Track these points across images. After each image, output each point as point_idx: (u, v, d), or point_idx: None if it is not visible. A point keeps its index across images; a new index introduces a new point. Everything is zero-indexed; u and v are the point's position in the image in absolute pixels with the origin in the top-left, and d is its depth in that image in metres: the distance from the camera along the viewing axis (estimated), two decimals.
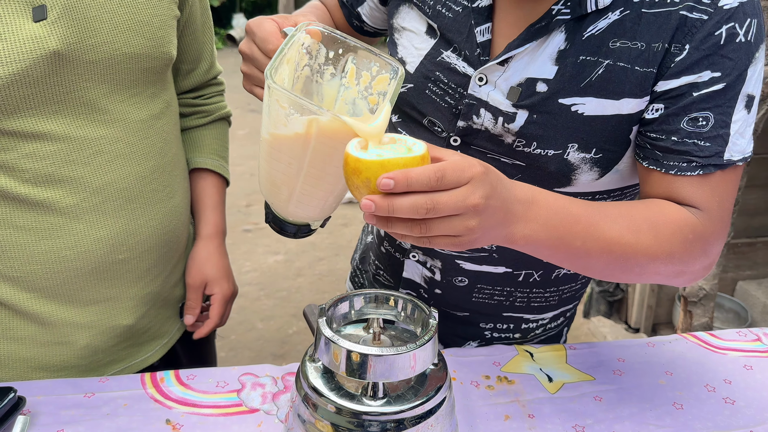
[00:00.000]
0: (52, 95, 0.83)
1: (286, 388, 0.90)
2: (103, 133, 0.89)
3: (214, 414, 0.84)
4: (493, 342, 1.02)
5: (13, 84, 0.79)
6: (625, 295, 2.71)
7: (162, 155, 0.99)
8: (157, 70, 0.95)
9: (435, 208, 0.59)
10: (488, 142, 0.85)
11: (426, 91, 0.88)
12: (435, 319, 0.66)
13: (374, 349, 0.61)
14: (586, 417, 0.85)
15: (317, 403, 0.64)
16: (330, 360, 0.63)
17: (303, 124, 0.64)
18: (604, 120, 0.79)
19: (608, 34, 0.77)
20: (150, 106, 0.95)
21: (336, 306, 0.70)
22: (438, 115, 0.88)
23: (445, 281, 0.97)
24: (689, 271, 0.78)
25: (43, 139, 0.84)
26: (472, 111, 0.84)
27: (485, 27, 0.83)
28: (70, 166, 0.87)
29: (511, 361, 0.95)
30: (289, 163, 0.69)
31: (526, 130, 0.81)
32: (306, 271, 3.29)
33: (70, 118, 0.86)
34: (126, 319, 0.99)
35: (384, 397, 0.63)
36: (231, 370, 0.93)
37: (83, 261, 0.91)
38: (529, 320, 1.01)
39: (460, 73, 0.85)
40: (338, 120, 0.62)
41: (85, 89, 0.85)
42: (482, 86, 0.83)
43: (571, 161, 0.81)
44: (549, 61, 0.79)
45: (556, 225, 0.69)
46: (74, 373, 0.98)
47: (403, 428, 0.63)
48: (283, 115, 0.65)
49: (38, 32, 0.79)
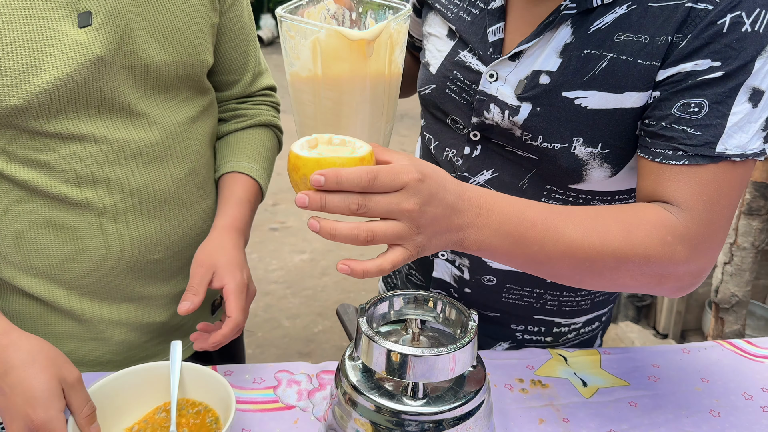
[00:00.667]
0: (94, 99, 0.84)
1: (321, 385, 0.91)
2: (140, 136, 0.90)
3: (251, 410, 0.85)
4: (524, 344, 1.02)
5: (58, 89, 0.80)
6: (654, 300, 2.68)
7: (198, 158, 1.00)
8: (193, 76, 0.96)
9: (366, 206, 0.61)
10: (502, 136, 0.87)
11: (446, 90, 0.92)
12: (474, 321, 0.66)
13: (415, 350, 0.61)
14: (621, 422, 0.84)
15: (357, 401, 0.65)
16: (370, 359, 0.64)
17: (309, 48, 0.68)
18: (608, 114, 0.79)
19: (614, 28, 0.77)
20: (185, 109, 0.97)
21: (375, 306, 0.71)
22: (458, 112, 0.92)
23: (474, 280, 0.97)
24: (673, 276, 0.74)
25: (83, 140, 0.86)
26: (483, 106, 0.87)
27: (497, 27, 0.86)
28: (109, 167, 0.89)
29: (545, 364, 0.95)
30: (309, 102, 0.71)
31: (530, 123, 0.83)
32: (331, 270, 3.31)
33: (109, 120, 0.87)
34: (159, 316, 1.01)
35: (424, 397, 0.63)
36: (267, 366, 0.94)
37: (119, 260, 0.93)
38: (561, 324, 1.01)
39: (474, 71, 0.88)
40: (333, 32, 0.65)
41: (123, 94, 0.87)
42: (493, 82, 0.86)
43: (578, 156, 0.81)
44: (554, 54, 0.81)
45: (510, 230, 0.69)
46: (110, 367, 1.01)
47: (442, 429, 0.63)
48: (294, 46, 0.69)
49: (83, 38, 0.81)
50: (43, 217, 0.88)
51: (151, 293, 0.99)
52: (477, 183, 0.91)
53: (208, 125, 1.03)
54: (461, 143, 0.92)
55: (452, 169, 0.94)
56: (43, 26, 0.79)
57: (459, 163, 0.93)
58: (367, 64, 0.68)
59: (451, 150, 0.94)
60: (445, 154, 0.95)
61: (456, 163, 0.93)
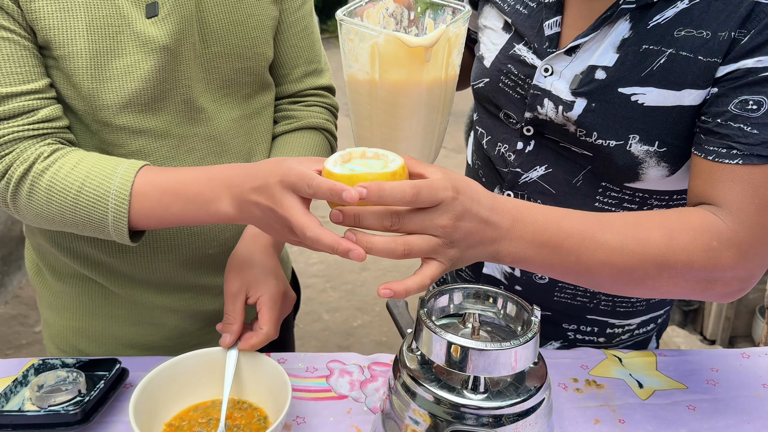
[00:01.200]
0: (159, 91, 0.85)
1: (372, 377, 0.91)
2: (196, 131, 0.91)
3: (305, 398, 0.86)
4: (576, 344, 1.01)
5: (125, 75, 0.82)
6: (702, 305, 2.61)
7: (252, 155, 1.00)
8: (251, 70, 0.95)
9: (400, 222, 0.63)
10: (556, 132, 0.86)
11: (500, 84, 0.91)
12: (537, 317, 0.65)
13: (478, 344, 0.61)
14: (679, 426, 0.83)
15: (416, 392, 0.65)
16: (431, 351, 0.64)
17: (367, 52, 0.68)
18: (665, 111, 0.77)
19: (674, 23, 0.75)
20: (243, 106, 0.96)
21: (435, 298, 0.71)
22: (511, 107, 0.91)
23: (525, 278, 0.96)
24: (720, 282, 0.72)
25: (148, 135, 0.88)
26: (537, 101, 0.86)
27: (554, 21, 0.85)
28: (169, 162, 0.90)
29: (600, 365, 0.94)
30: (366, 104, 0.72)
31: (585, 119, 0.81)
32: (371, 265, 3.32)
33: (171, 115, 0.88)
34: (212, 305, 1.03)
35: (485, 392, 0.63)
36: (319, 356, 0.95)
37: (175, 254, 0.95)
38: (615, 325, 0.99)
39: (528, 65, 0.87)
40: (392, 37, 0.65)
41: (185, 87, 0.88)
42: (547, 77, 0.84)
43: (634, 154, 0.80)
44: (611, 49, 0.79)
45: (545, 241, 0.68)
46: (162, 352, 1.02)
47: (501, 425, 0.63)
48: (353, 49, 0.69)
49: (150, 28, 0.82)
50: None
51: (205, 284, 1.01)
52: (530, 179, 0.90)
53: (268, 122, 1.03)
54: (514, 138, 0.91)
55: (504, 164, 0.93)
56: (116, 13, 0.80)
57: (511, 159, 0.92)
58: (424, 70, 0.68)
59: (504, 145, 0.93)
60: (498, 149, 0.94)
61: (508, 158, 0.92)
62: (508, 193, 0.93)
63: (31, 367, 0.86)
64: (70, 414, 0.77)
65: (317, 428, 0.81)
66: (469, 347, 0.61)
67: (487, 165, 0.97)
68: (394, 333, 2.73)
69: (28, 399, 0.81)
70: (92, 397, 0.79)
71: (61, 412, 0.77)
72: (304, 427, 0.81)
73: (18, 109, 0.77)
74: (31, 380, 0.84)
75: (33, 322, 2.73)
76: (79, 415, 0.77)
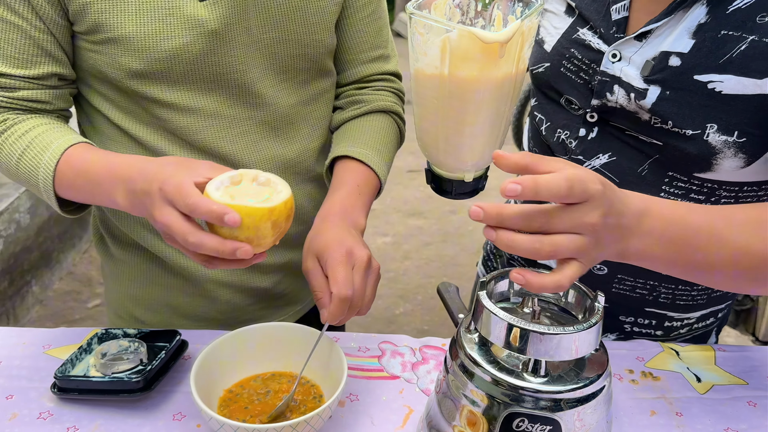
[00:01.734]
0: (209, 74, 0.87)
1: (424, 359, 0.92)
2: (250, 114, 0.92)
3: (358, 376, 0.87)
4: (632, 337, 0.99)
5: (174, 57, 0.83)
6: (755, 305, 2.53)
7: (309, 141, 1.00)
8: (309, 57, 0.94)
9: (549, 222, 0.58)
10: (625, 119, 0.84)
11: (561, 69, 0.89)
12: (601, 303, 0.65)
13: (541, 327, 0.61)
14: (739, 421, 0.80)
15: (474, 373, 0.65)
16: (491, 333, 0.64)
17: (438, 47, 0.66)
18: (745, 100, 0.74)
19: (757, 8, 0.72)
20: (300, 92, 0.96)
21: (496, 281, 0.70)
22: (574, 92, 0.89)
23: None
24: None
25: (198, 113, 0.89)
26: (606, 88, 0.83)
27: (621, 5, 0.83)
28: (219, 142, 0.91)
29: (656, 357, 0.92)
30: (432, 98, 0.71)
31: (659, 108, 0.79)
32: (413, 254, 3.32)
33: (223, 96, 0.89)
34: (263, 282, 1.05)
35: (545, 375, 0.63)
36: (371, 336, 0.96)
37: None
38: (674, 318, 0.97)
39: (594, 50, 0.85)
40: (466, 32, 0.64)
41: (240, 72, 0.88)
42: (615, 63, 0.82)
43: (712, 144, 0.77)
44: (686, 35, 0.76)
45: (673, 237, 0.64)
46: (214, 325, 1.05)
47: (559, 409, 0.63)
48: (423, 43, 0.68)
49: (201, 12, 0.83)
50: None
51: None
52: (591, 167, 0.88)
53: (325, 109, 1.02)
54: (576, 124, 0.90)
55: (565, 151, 0.91)
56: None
57: (572, 146, 0.90)
58: (497, 66, 0.66)
59: (564, 131, 0.92)
60: (557, 136, 0.93)
61: (569, 145, 0.91)
62: None
63: (94, 336, 0.89)
64: (133, 382, 0.79)
65: (370, 406, 0.82)
66: (531, 330, 0.61)
67: (546, 152, 0.96)
68: (435, 322, 2.73)
69: (92, 366, 0.84)
70: (154, 366, 0.81)
71: (124, 380, 0.80)
72: (357, 405, 0.82)
73: (2, 84, 0.85)
74: (94, 348, 0.88)
75: (86, 298, 2.83)
76: (142, 383, 0.79)
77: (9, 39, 0.83)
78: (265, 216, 0.66)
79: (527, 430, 0.62)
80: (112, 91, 0.89)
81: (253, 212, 0.65)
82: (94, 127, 0.95)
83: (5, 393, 0.83)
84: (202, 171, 0.70)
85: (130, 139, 0.92)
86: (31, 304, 2.68)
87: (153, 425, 0.78)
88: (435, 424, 0.70)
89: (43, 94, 0.87)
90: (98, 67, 0.86)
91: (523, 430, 0.63)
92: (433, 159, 0.78)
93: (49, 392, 0.82)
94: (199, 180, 0.69)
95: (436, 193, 0.81)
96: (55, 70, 0.86)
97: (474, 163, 0.76)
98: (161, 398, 0.82)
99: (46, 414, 0.80)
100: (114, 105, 0.90)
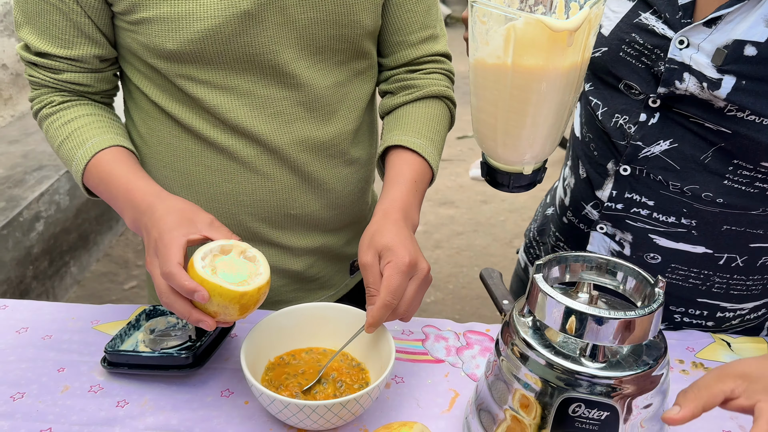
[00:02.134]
0: (242, 54, 0.86)
1: (468, 344, 0.91)
2: (285, 95, 0.91)
3: (403, 359, 0.87)
4: (682, 327, 0.97)
5: (207, 38, 0.83)
6: None
7: (345, 123, 0.99)
8: (347, 38, 0.92)
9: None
10: (694, 107, 0.81)
11: (620, 54, 0.86)
12: (662, 289, 0.63)
13: (601, 311, 0.59)
14: None
15: (528, 356, 0.64)
16: (547, 316, 0.62)
17: (502, 35, 0.65)
18: None
19: None
20: (336, 73, 0.95)
21: (551, 266, 0.69)
22: (634, 77, 0.86)
23: (635, 257, 0.93)
24: None
25: (231, 92, 0.89)
26: (674, 76, 0.81)
27: None
28: (252, 121, 0.91)
29: (707, 348, 0.90)
30: (493, 89, 0.69)
31: (735, 98, 0.76)
32: (444, 243, 3.31)
33: (257, 76, 0.89)
34: (295, 264, 1.04)
35: (604, 361, 0.62)
36: (414, 320, 0.95)
37: (258, 208, 0.97)
38: (726, 309, 0.95)
39: (659, 35, 0.82)
40: (533, 20, 0.62)
41: (273, 52, 0.87)
42: (683, 49, 0.79)
43: None
44: (761, 23, 0.73)
45: None
46: None
47: (616, 396, 0.61)
48: (485, 32, 0.66)
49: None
50: (196, 156, 0.94)
51: (288, 243, 1.02)
52: (651, 153, 0.86)
53: (360, 91, 1.00)
54: (636, 110, 0.87)
55: (623, 137, 0.89)
56: None
57: (631, 131, 0.88)
58: (564, 55, 0.64)
59: (623, 116, 0.89)
60: (615, 121, 0.91)
61: (628, 130, 0.88)
62: (624, 168, 0.89)
63: (142, 313, 0.90)
64: (183, 357, 0.80)
65: (415, 389, 0.82)
66: (590, 314, 0.60)
67: (601, 138, 0.94)
68: (466, 311, 2.72)
69: (141, 341, 0.86)
70: (203, 343, 0.82)
71: (174, 355, 0.81)
72: (403, 387, 0.82)
73: (49, 65, 0.90)
74: (143, 324, 0.89)
75: (122, 279, 2.88)
76: (191, 359, 0.80)
77: (52, 20, 0.86)
78: (234, 299, 0.71)
79: (584, 416, 0.61)
80: (148, 69, 0.90)
81: (224, 293, 0.70)
82: (135, 103, 0.97)
83: (57, 366, 0.84)
84: (201, 227, 0.78)
85: (167, 117, 0.93)
86: (69, 284, 2.74)
87: (201, 401, 0.79)
88: (485, 406, 0.69)
89: (85, 78, 0.92)
90: (134, 46, 0.88)
91: (580, 415, 0.62)
92: (490, 152, 0.77)
93: (99, 366, 0.84)
94: (194, 237, 0.76)
95: (492, 186, 0.80)
96: (95, 52, 0.89)
97: (534, 156, 0.75)
98: (209, 375, 0.83)
99: (97, 387, 0.81)
100: (151, 82, 0.91)
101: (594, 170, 0.95)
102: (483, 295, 2.74)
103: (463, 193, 3.82)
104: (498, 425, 0.67)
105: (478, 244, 3.31)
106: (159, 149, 0.96)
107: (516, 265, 1.26)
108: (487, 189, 3.83)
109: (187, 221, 0.77)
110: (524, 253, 1.20)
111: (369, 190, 1.13)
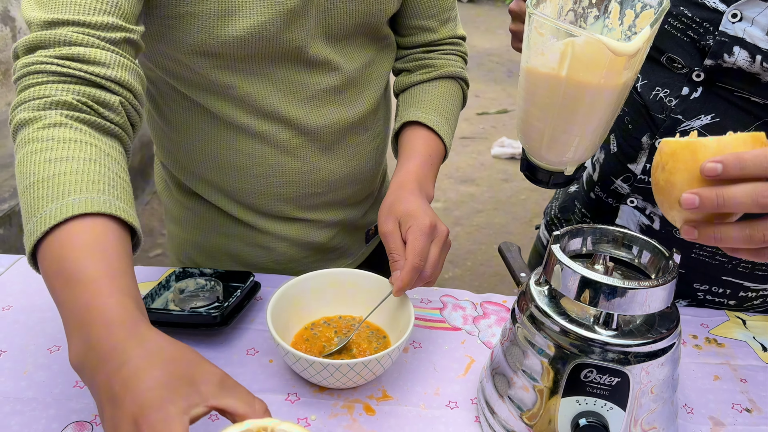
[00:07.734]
0: (283, 48, 0.87)
1: (485, 314, 0.93)
2: (317, 80, 0.93)
3: (421, 325, 0.90)
4: (704, 305, 0.98)
5: (252, 36, 0.83)
6: None
7: (369, 102, 1.01)
8: (370, 25, 0.95)
9: None
10: (739, 80, 0.81)
11: (666, 27, 0.86)
12: (676, 261, 0.65)
13: (616, 281, 0.61)
14: None
15: (543, 323, 0.66)
16: (563, 285, 0.64)
17: (559, 49, 0.65)
18: None
19: None
20: (361, 55, 0.97)
21: (569, 238, 0.71)
22: (678, 50, 0.86)
23: (664, 231, 0.94)
24: None
25: (265, 81, 0.90)
26: (724, 49, 0.80)
27: None
28: (286, 107, 0.93)
29: (722, 325, 0.91)
30: (544, 96, 0.70)
31: None
32: (464, 221, 3.32)
33: (290, 64, 0.90)
34: (318, 237, 1.08)
35: (616, 329, 0.64)
36: (433, 290, 0.98)
37: (286, 189, 1.00)
38: (750, 288, 0.95)
39: (710, 8, 0.81)
40: (594, 41, 0.62)
41: (309, 44, 0.89)
42: (736, 23, 0.79)
43: None
44: None
45: None
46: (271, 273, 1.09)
47: (627, 363, 0.63)
48: (541, 43, 0.67)
49: None
50: (227, 141, 0.95)
51: (313, 218, 1.05)
52: (691, 127, 0.86)
53: (382, 69, 1.03)
54: (678, 83, 0.87)
55: (662, 110, 0.89)
56: None
57: (672, 104, 0.88)
58: (620, 74, 0.65)
59: (664, 90, 0.89)
60: (655, 94, 0.90)
61: (668, 103, 0.88)
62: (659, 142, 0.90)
63: (172, 274, 0.94)
64: (211, 317, 0.84)
65: (432, 354, 0.85)
66: (605, 283, 0.62)
67: (638, 111, 0.93)
68: (484, 288, 2.75)
69: (171, 301, 0.89)
70: (230, 303, 0.85)
71: (203, 314, 0.84)
72: (420, 351, 0.85)
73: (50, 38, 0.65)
74: (173, 285, 0.92)
75: (148, 247, 2.95)
76: (219, 318, 0.84)
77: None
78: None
79: (595, 381, 0.64)
80: (173, 62, 0.88)
81: None
82: (159, 91, 0.96)
83: None
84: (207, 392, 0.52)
85: (196, 105, 0.93)
86: None
87: (228, 359, 0.82)
88: (501, 371, 0.72)
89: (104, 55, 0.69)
90: (169, 38, 0.84)
91: (591, 380, 0.64)
92: (534, 152, 0.78)
93: None
94: (198, 412, 0.50)
95: (529, 181, 0.81)
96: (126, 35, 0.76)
97: (578, 159, 0.77)
98: (236, 334, 0.87)
99: None
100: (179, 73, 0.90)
101: (628, 143, 0.95)
102: (501, 272, 2.76)
103: (484, 171, 3.82)
104: (512, 388, 0.70)
105: (497, 222, 3.33)
106: (188, 135, 0.97)
107: (535, 241, 1.28)
108: (508, 167, 3.83)
109: (185, 383, 0.51)
110: (545, 229, 1.22)
111: (383, 161, 1.16)
